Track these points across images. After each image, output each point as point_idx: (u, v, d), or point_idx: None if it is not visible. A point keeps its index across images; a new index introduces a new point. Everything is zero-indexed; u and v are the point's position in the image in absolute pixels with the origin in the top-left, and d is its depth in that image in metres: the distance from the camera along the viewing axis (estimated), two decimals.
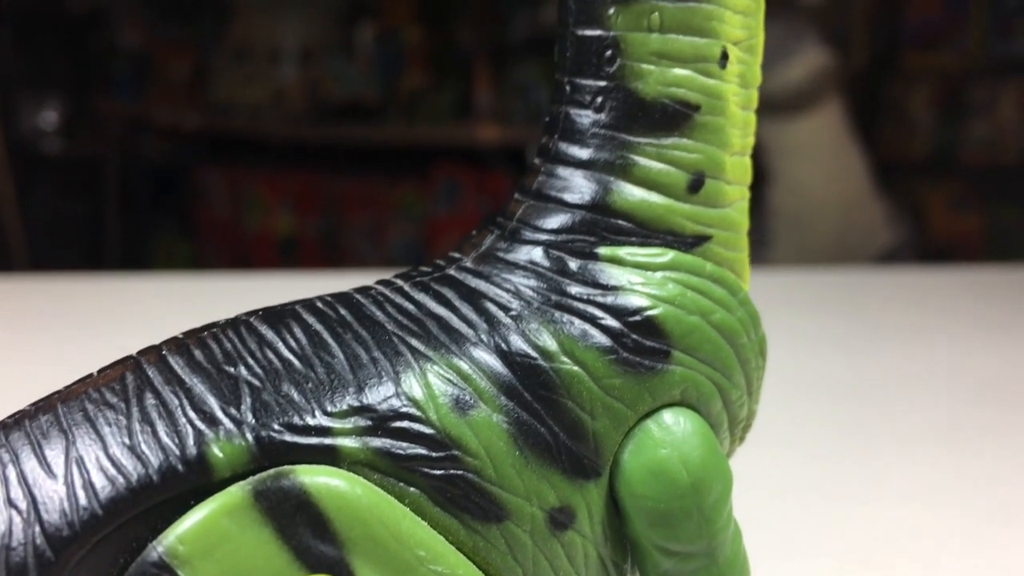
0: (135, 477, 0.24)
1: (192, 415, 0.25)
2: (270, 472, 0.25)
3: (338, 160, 2.06)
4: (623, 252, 0.29)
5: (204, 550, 0.24)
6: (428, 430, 0.26)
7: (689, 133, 0.30)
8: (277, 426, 0.25)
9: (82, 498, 0.24)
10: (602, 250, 0.29)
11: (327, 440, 0.26)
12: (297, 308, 0.29)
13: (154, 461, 0.24)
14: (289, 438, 0.25)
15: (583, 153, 0.30)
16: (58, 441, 0.25)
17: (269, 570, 0.24)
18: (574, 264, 0.29)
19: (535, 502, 0.27)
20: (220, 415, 0.25)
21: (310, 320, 0.28)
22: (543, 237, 0.30)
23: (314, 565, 0.25)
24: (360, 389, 0.26)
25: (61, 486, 0.24)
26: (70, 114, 2.31)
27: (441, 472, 0.26)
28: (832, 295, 1.03)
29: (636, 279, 0.29)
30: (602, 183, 0.29)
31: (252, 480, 0.25)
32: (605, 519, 0.29)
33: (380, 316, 0.28)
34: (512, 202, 0.31)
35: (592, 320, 0.28)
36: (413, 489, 0.26)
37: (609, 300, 0.28)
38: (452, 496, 0.26)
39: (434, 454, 0.26)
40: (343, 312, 0.28)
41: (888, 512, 0.54)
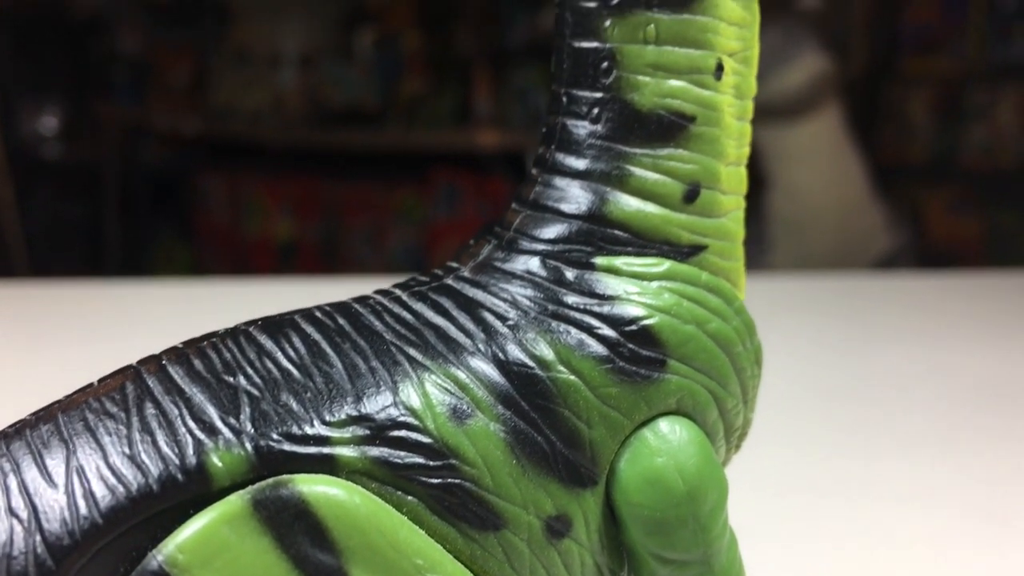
0: (135, 486, 0.24)
1: (192, 425, 0.26)
2: (269, 481, 0.25)
3: (338, 165, 2.06)
4: (619, 262, 0.29)
5: (204, 559, 0.24)
6: (426, 439, 0.27)
7: (685, 144, 0.30)
8: (276, 435, 0.26)
9: (82, 507, 0.24)
10: (599, 260, 0.29)
11: (325, 449, 0.26)
12: (296, 318, 0.29)
13: (154, 470, 0.25)
14: (288, 447, 0.26)
15: (580, 164, 0.30)
16: (59, 450, 0.25)
17: None
18: (571, 274, 0.29)
19: (532, 511, 0.27)
20: (219, 425, 0.26)
21: (309, 330, 0.28)
22: (540, 247, 0.30)
23: (313, 573, 0.25)
24: (358, 398, 0.27)
25: (62, 495, 0.24)
26: (70, 119, 2.31)
27: (439, 481, 0.26)
28: (831, 300, 1.04)
29: (632, 289, 0.29)
30: (598, 193, 0.30)
31: (251, 489, 0.25)
32: (602, 527, 0.29)
33: (378, 326, 0.29)
34: (509, 212, 0.31)
35: (589, 330, 0.28)
36: (411, 498, 0.26)
37: (605, 310, 0.29)
38: (450, 505, 0.27)
39: (432, 463, 0.26)
40: (341, 322, 0.29)
41: (887, 515, 0.54)
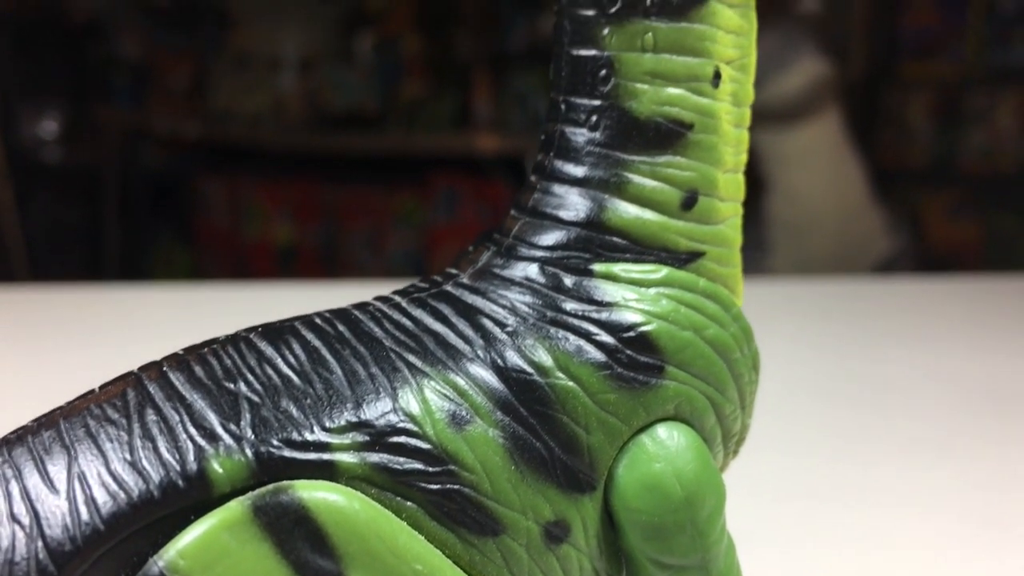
0: (136, 492, 0.25)
1: (192, 431, 0.26)
2: (269, 487, 0.25)
3: (337, 169, 2.06)
4: (617, 268, 0.30)
5: (204, 564, 0.24)
6: (425, 445, 0.27)
7: (682, 151, 0.30)
8: (276, 442, 0.26)
9: (84, 513, 0.24)
10: (597, 267, 0.30)
11: (325, 455, 0.26)
12: (296, 324, 0.29)
13: (155, 476, 0.25)
14: (288, 453, 0.26)
15: (578, 171, 0.30)
16: (60, 457, 0.25)
17: None
18: (569, 280, 0.29)
19: (531, 516, 0.28)
20: (220, 431, 0.26)
21: (309, 336, 0.28)
22: (539, 254, 0.30)
23: None
24: (358, 405, 0.27)
25: (63, 501, 0.24)
26: (70, 123, 2.31)
27: (438, 487, 0.27)
28: (830, 304, 1.04)
29: (630, 295, 0.29)
30: (597, 200, 0.30)
31: (251, 495, 0.25)
32: (600, 532, 0.29)
33: (378, 332, 0.29)
34: (508, 218, 0.32)
35: (587, 336, 0.29)
36: (410, 503, 0.26)
37: (604, 316, 0.29)
38: (449, 510, 0.27)
39: (431, 469, 0.27)
40: (341, 328, 0.29)
41: (885, 520, 0.54)
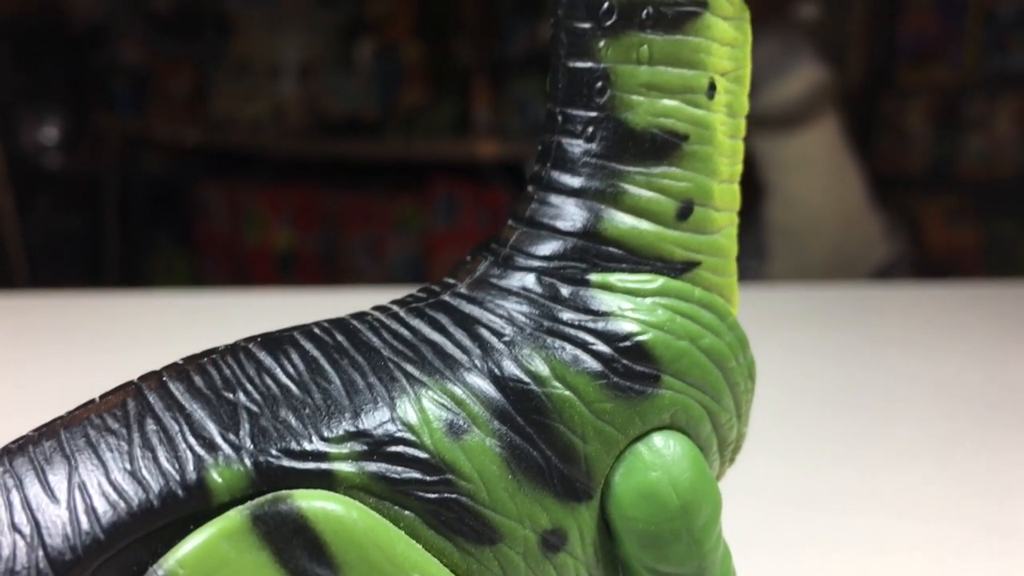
0: (136, 502, 0.25)
1: (192, 441, 0.26)
2: (268, 497, 0.25)
3: (337, 175, 2.07)
4: (614, 278, 0.30)
5: (203, 573, 0.25)
6: (422, 454, 0.27)
7: (678, 162, 0.30)
8: (275, 451, 0.26)
9: (84, 523, 0.24)
10: (593, 276, 0.30)
11: (324, 465, 0.26)
12: (295, 334, 0.29)
13: (155, 486, 0.25)
14: (287, 463, 0.26)
15: (575, 181, 0.30)
16: (61, 466, 0.25)
17: None
18: (566, 290, 0.30)
19: (528, 524, 0.28)
20: (219, 441, 0.26)
21: (307, 346, 0.29)
22: (536, 264, 0.30)
23: None
24: (356, 414, 0.27)
25: (64, 511, 0.25)
26: (70, 129, 2.32)
27: (435, 496, 0.27)
28: (829, 310, 1.04)
29: (626, 305, 0.29)
30: (593, 211, 0.30)
31: (250, 504, 0.25)
32: (597, 541, 0.29)
33: (376, 342, 0.29)
34: (506, 228, 0.32)
35: (583, 345, 0.29)
36: (408, 512, 0.27)
37: (600, 326, 0.29)
38: (446, 519, 0.27)
39: (428, 478, 0.27)
40: (340, 338, 0.29)
41: (885, 525, 0.54)
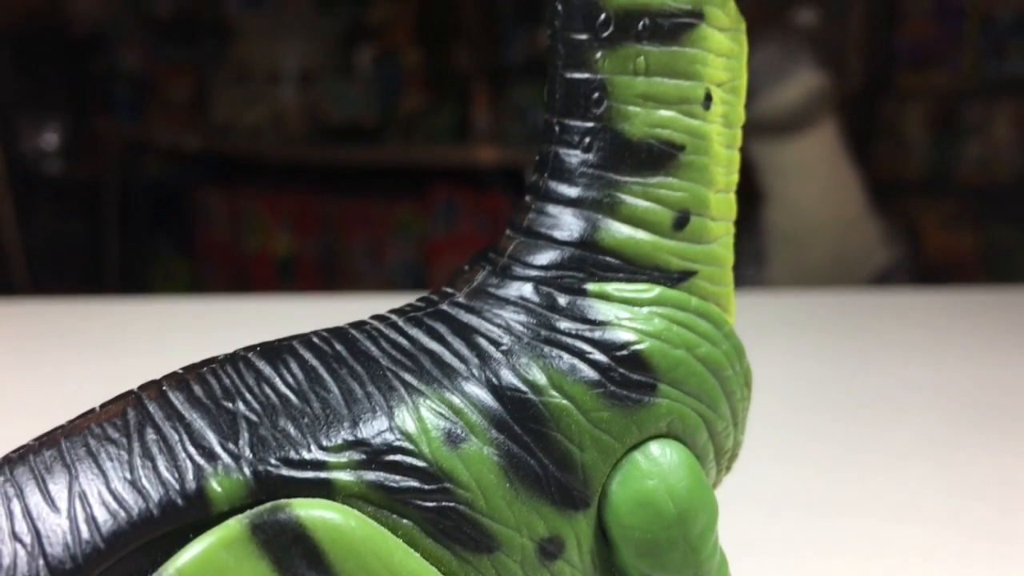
0: (136, 511, 0.25)
1: (191, 450, 0.26)
2: (267, 506, 0.26)
3: (337, 181, 2.07)
4: (611, 288, 0.30)
5: None
6: (420, 463, 0.27)
7: (674, 172, 0.30)
8: (274, 460, 0.26)
9: (84, 532, 0.25)
10: (590, 286, 0.30)
11: (322, 474, 0.26)
12: (294, 344, 0.29)
13: (154, 495, 0.25)
14: (286, 472, 0.26)
15: (572, 191, 0.31)
16: (61, 476, 0.26)
17: None
18: (563, 300, 0.30)
19: (525, 533, 0.28)
20: (219, 450, 0.26)
21: (306, 355, 0.29)
22: (533, 273, 0.30)
23: None
24: (354, 423, 0.27)
25: (64, 520, 0.25)
26: (70, 135, 2.32)
27: (433, 504, 0.27)
28: (827, 316, 1.04)
29: (623, 314, 0.30)
30: (590, 221, 0.30)
31: (250, 513, 0.25)
32: (594, 549, 0.29)
33: (374, 351, 0.29)
34: (503, 238, 0.32)
35: (580, 355, 0.29)
36: (406, 521, 0.27)
37: (597, 335, 0.29)
38: (444, 528, 0.27)
39: (426, 487, 0.27)
40: (338, 347, 0.29)
41: (884, 531, 0.54)
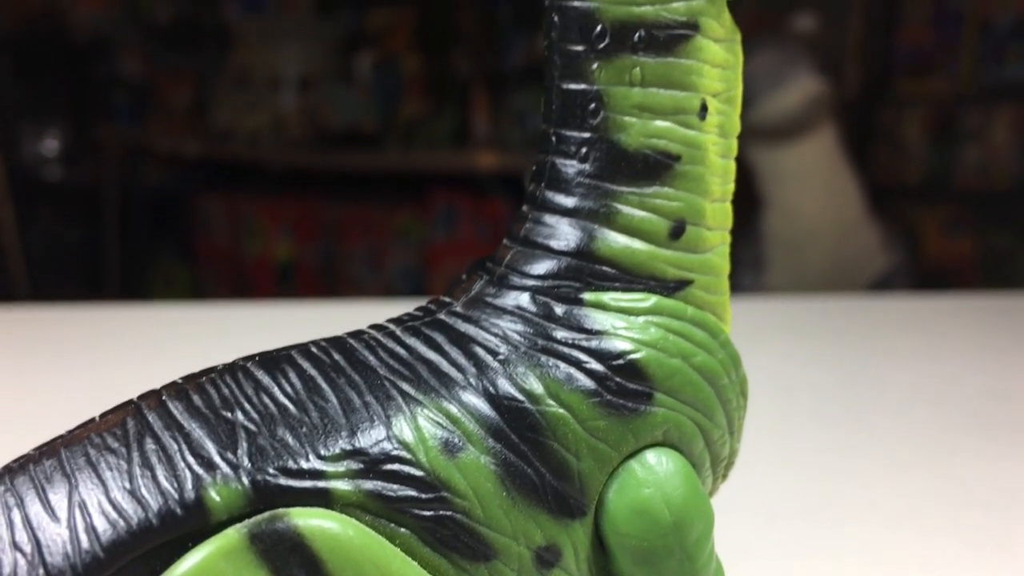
0: (135, 520, 0.25)
1: (191, 460, 0.26)
2: (265, 515, 0.26)
3: (337, 186, 2.08)
4: (607, 297, 0.30)
5: None
6: (418, 472, 0.27)
7: (670, 182, 0.31)
8: (272, 470, 0.26)
9: (84, 541, 0.25)
10: (587, 295, 0.30)
11: (320, 483, 0.26)
12: (292, 353, 0.30)
13: (154, 505, 0.25)
14: (284, 481, 0.26)
15: (568, 201, 0.31)
16: (61, 485, 0.26)
17: None
18: (560, 309, 0.30)
19: (522, 541, 0.28)
20: (217, 460, 0.26)
21: (305, 365, 0.29)
22: (530, 283, 0.31)
23: None
24: (352, 433, 0.27)
25: (64, 529, 0.25)
26: (71, 141, 2.32)
27: (431, 513, 0.27)
28: (826, 322, 1.04)
29: (619, 323, 0.30)
30: (587, 230, 0.30)
31: (248, 523, 0.26)
32: (591, 557, 0.29)
33: (372, 361, 0.29)
34: (501, 248, 0.32)
35: (577, 364, 0.29)
36: (403, 530, 0.27)
37: (593, 344, 0.29)
38: (441, 536, 0.27)
39: (424, 496, 0.27)
40: (336, 357, 0.29)
41: (880, 538, 0.54)
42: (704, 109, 0.31)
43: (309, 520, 0.26)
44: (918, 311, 1.11)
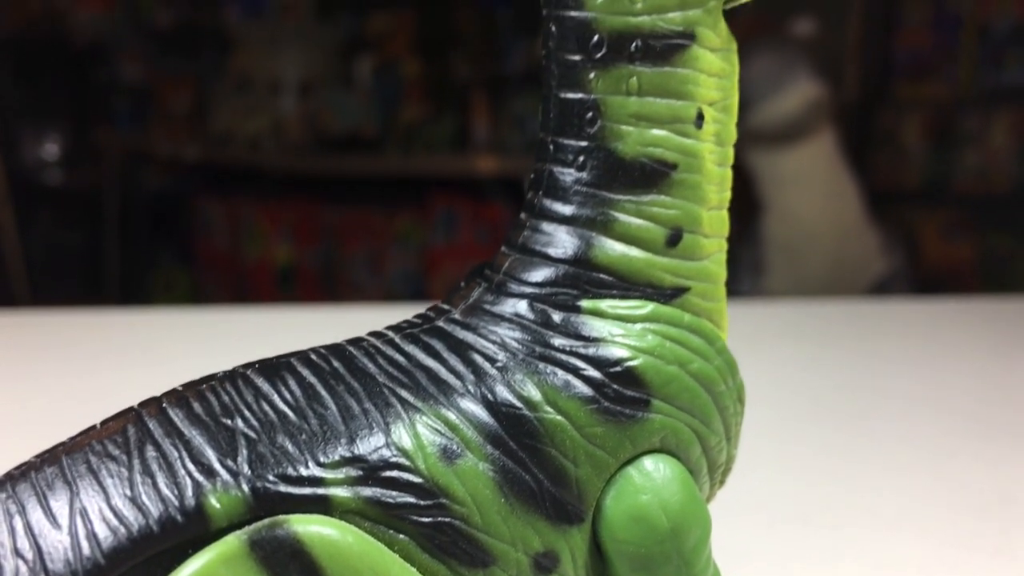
0: (136, 527, 0.25)
1: (191, 467, 0.26)
2: (265, 522, 0.26)
3: (337, 191, 2.08)
4: (604, 305, 0.30)
5: None
6: (417, 479, 0.27)
7: (667, 190, 0.31)
8: (272, 477, 0.27)
9: (85, 548, 0.25)
10: (584, 303, 0.30)
11: (320, 490, 0.27)
12: (292, 361, 0.30)
13: (154, 512, 0.26)
14: (283, 488, 0.26)
15: (566, 209, 0.31)
16: (63, 492, 0.26)
17: None
18: (557, 316, 0.30)
19: (520, 547, 0.28)
20: (217, 467, 0.26)
21: (304, 373, 0.29)
22: (528, 290, 0.31)
23: None
24: (352, 440, 0.28)
25: (65, 536, 0.25)
26: (71, 145, 2.33)
27: (429, 520, 0.27)
28: (826, 326, 1.04)
29: (617, 331, 0.30)
30: (584, 238, 0.31)
31: (248, 529, 0.26)
32: (588, 563, 0.30)
33: (371, 368, 0.30)
34: (499, 255, 0.32)
35: (575, 371, 0.29)
36: (402, 536, 0.27)
37: (591, 351, 0.30)
38: (440, 543, 0.27)
39: (422, 502, 0.27)
40: (336, 364, 0.30)
41: (879, 542, 0.54)
42: (700, 118, 0.31)
43: (309, 527, 0.26)
44: (917, 315, 1.11)
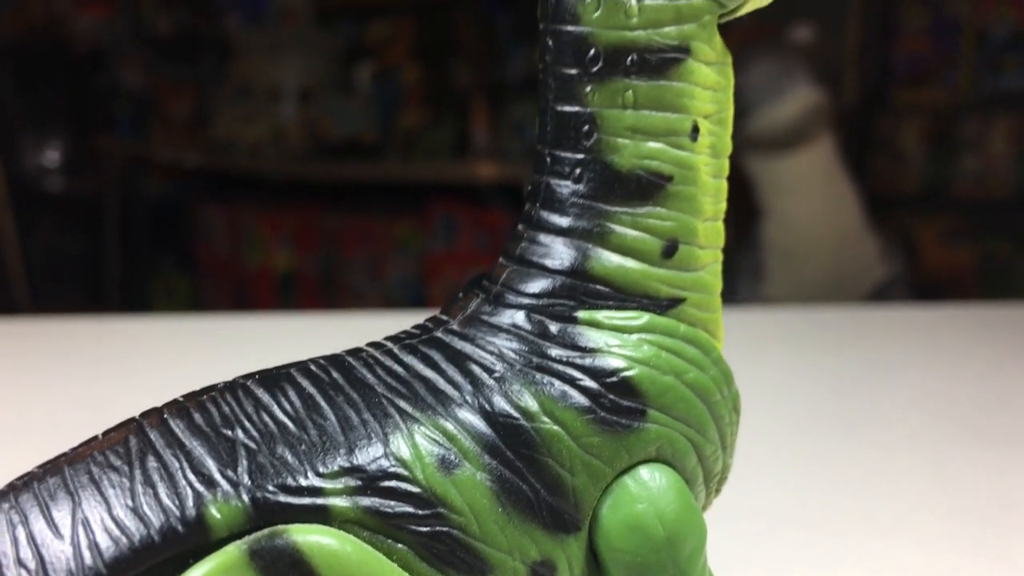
0: (137, 537, 0.26)
1: (192, 477, 0.27)
2: (265, 531, 0.26)
3: (337, 197, 2.08)
4: (601, 315, 0.31)
5: None
6: (415, 489, 0.28)
7: (663, 202, 0.31)
8: (272, 487, 0.27)
9: (87, 558, 0.25)
10: (581, 314, 0.31)
11: (319, 500, 0.27)
12: (292, 371, 0.30)
13: (155, 522, 0.26)
14: (283, 499, 0.27)
15: (563, 221, 0.31)
16: (65, 503, 0.26)
17: None
18: (554, 327, 0.30)
19: (518, 556, 0.29)
20: (218, 477, 0.27)
21: (304, 383, 0.30)
22: (525, 301, 0.31)
23: None
24: (351, 450, 0.28)
25: (68, 546, 0.25)
26: (71, 152, 2.33)
27: (427, 529, 0.28)
28: (825, 332, 1.05)
29: (613, 341, 0.30)
30: (581, 250, 0.31)
31: (248, 539, 0.26)
32: (585, 572, 0.30)
33: (370, 379, 0.30)
34: (497, 266, 0.33)
35: (571, 381, 0.30)
36: (401, 546, 0.27)
37: (587, 362, 0.30)
38: (438, 552, 0.28)
39: (421, 512, 0.28)
40: (335, 375, 0.30)
41: (878, 548, 0.55)
42: (696, 130, 0.31)
43: (308, 536, 0.26)
44: (917, 321, 1.11)
